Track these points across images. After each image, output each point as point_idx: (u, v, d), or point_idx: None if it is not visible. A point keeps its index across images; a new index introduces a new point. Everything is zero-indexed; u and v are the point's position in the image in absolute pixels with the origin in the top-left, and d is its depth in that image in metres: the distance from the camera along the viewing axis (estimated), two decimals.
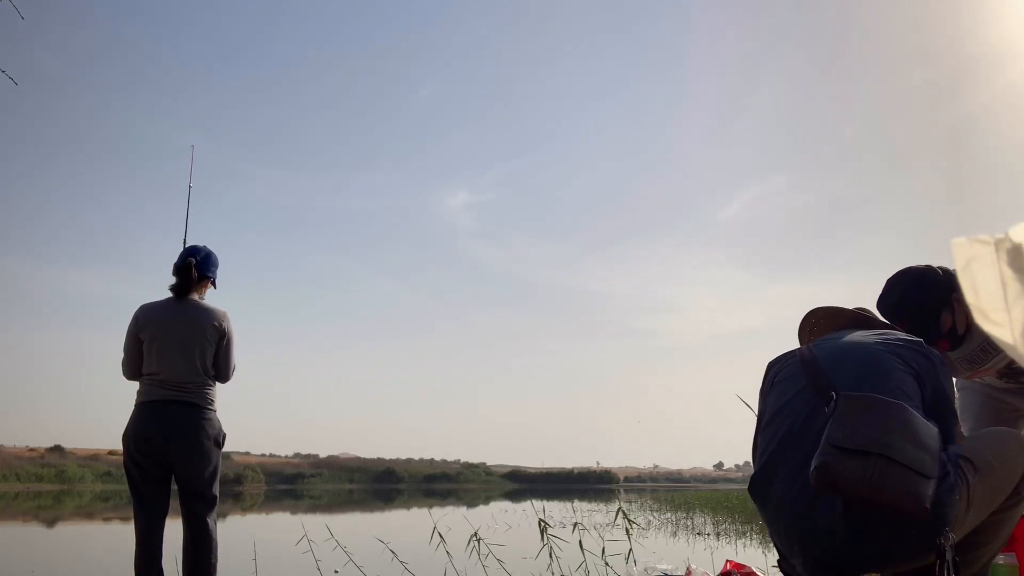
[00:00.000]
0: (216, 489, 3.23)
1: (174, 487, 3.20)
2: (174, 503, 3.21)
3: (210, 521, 3.16)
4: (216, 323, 3.29)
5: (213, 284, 3.47)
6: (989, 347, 2.35)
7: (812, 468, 1.58)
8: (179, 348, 3.20)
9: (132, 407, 3.26)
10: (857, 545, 1.62)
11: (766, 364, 2.04)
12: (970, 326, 2.32)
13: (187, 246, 3.48)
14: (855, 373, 1.79)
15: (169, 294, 3.35)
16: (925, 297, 2.32)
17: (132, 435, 3.16)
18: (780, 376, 1.95)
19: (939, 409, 1.76)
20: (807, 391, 1.81)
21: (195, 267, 3.33)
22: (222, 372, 3.35)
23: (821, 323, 2.15)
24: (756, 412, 2.01)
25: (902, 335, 1.90)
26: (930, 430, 1.62)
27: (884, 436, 1.57)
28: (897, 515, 1.54)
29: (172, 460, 3.13)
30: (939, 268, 2.36)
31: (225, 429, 3.29)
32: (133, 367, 3.29)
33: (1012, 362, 2.35)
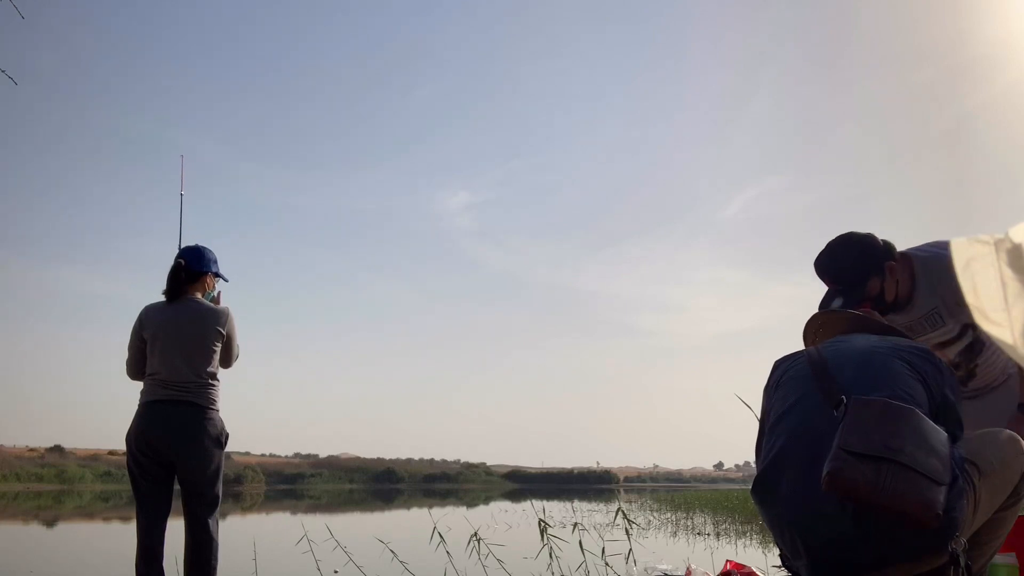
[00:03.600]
0: (218, 489, 3.22)
1: (176, 488, 3.20)
2: (176, 503, 3.21)
3: (211, 522, 3.16)
4: (219, 326, 3.29)
5: (220, 277, 3.47)
6: (927, 323, 2.42)
7: (825, 473, 1.57)
8: (180, 348, 3.19)
9: (133, 407, 3.26)
10: (865, 548, 1.60)
11: (772, 362, 2.03)
12: (904, 297, 2.39)
13: (183, 248, 3.45)
14: (864, 377, 1.77)
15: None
16: (856, 260, 2.36)
17: (134, 435, 3.16)
18: (787, 376, 1.93)
19: (946, 417, 1.75)
20: (815, 393, 1.80)
21: (184, 269, 3.33)
22: (227, 361, 3.37)
23: (826, 326, 2.14)
24: (757, 411, 2.01)
25: (910, 342, 1.89)
26: (940, 436, 1.61)
27: (896, 442, 1.55)
28: (909, 521, 1.53)
29: (174, 460, 3.13)
30: (882, 240, 2.40)
31: (227, 429, 3.28)
32: (136, 367, 3.29)
33: (956, 343, 2.42)
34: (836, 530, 1.62)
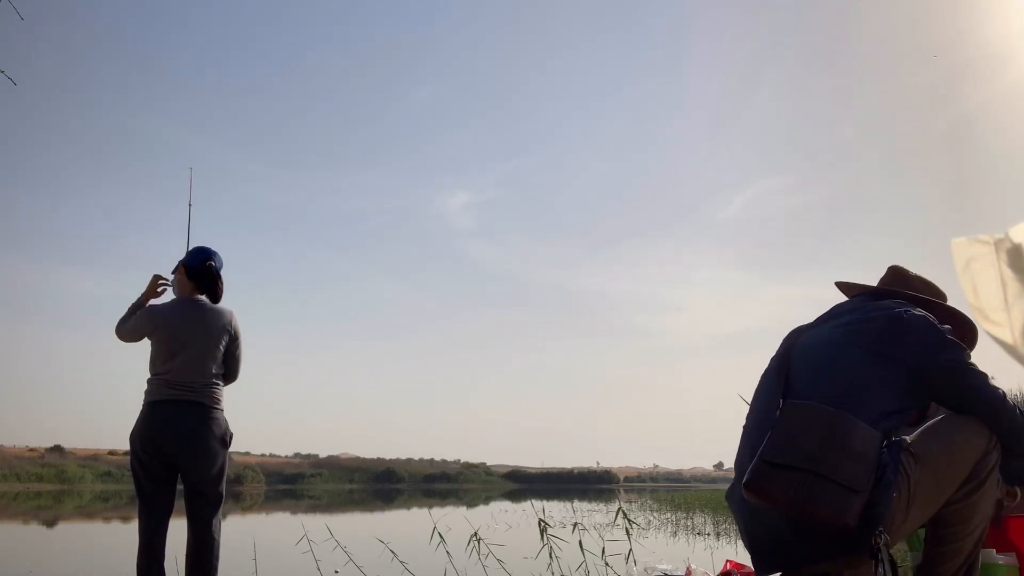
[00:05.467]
0: (222, 489, 3.22)
1: (179, 487, 3.20)
2: (178, 503, 3.20)
3: (214, 522, 3.16)
4: (226, 323, 3.31)
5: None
6: None
7: (744, 481, 1.66)
8: (187, 348, 3.20)
9: (132, 407, 3.26)
10: (797, 544, 1.67)
11: (768, 362, 2.04)
12: None
13: (197, 247, 3.46)
14: (812, 373, 1.82)
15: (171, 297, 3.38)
16: None
17: (139, 434, 3.15)
18: (769, 365, 1.99)
19: (928, 381, 1.75)
20: (776, 392, 1.85)
21: (219, 272, 3.38)
22: (233, 372, 3.37)
23: (848, 293, 2.12)
24: None
25: (878, 312, 1.84)
26: (870, 438, 1.63)
27: (815, 450, 1.61)
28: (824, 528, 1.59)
29: (178, 460, 3.13)
30: None
31: (231, 429, 3.29)
32: (133, 329, 3.28)
33: None
34: (771, 526, 1.70)
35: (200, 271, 3.35)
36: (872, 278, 2.44)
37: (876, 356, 1.76)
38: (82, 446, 55.18)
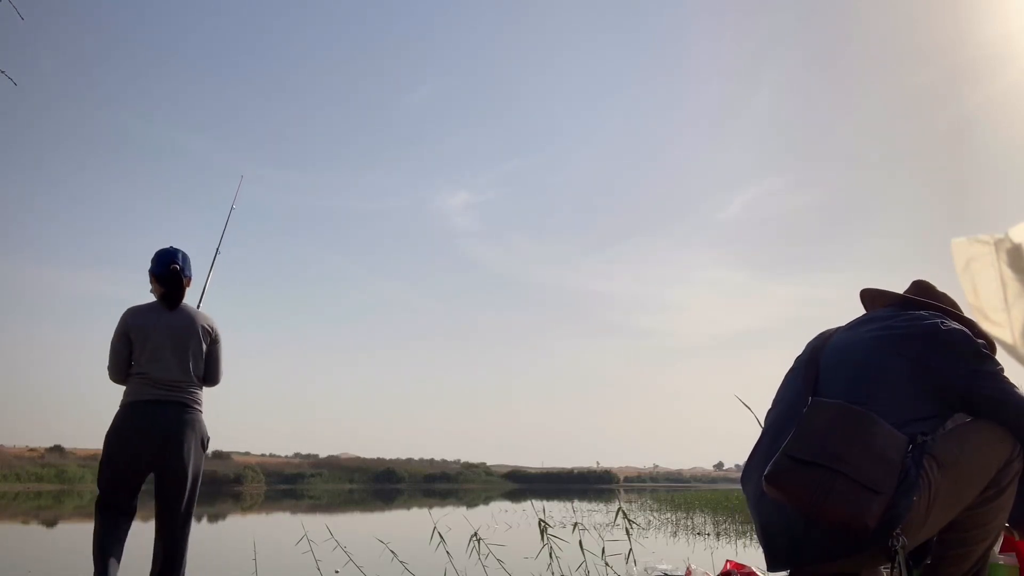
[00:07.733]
0: (197, 492, 3.22)
1: (147, 488, 3.16)
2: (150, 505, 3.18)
3: (186, 528, 3.14)
4: (207, 325, 3.31)
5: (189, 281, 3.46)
6: None
7: (763, 475, 1.65)
8: (170, 349, 3.18)
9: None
10: (814, 539, 1.66)
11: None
12: None
13: (161, 249, 3.37)
14: (841, 373, 1.81)
15: (152, 299, 3.34)
16: None
17: (118, 434, 3.12)
18: (796, 362, 2.00)
19: (961, 391, 1.74)
20: (803, 389, 1.86)
21: (182, 274, 3.32)
22: (214, 376, 3.35)
23: (875, 300, 2.12)
24: (756, 411, 2.04)
25: (915, 322, 1.84)
26: (895, 441, 1.62)
27: (840, 449, 1.60)
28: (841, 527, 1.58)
29: (157, 461, 3.10)
30: None
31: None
32: (123, 370, 3.23)
33: None
34: (788, 521, 1.69)
35: (166, 275, 3.30)
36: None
37: (909, 362, 1.75)
38: (82, 446, 55.10)
